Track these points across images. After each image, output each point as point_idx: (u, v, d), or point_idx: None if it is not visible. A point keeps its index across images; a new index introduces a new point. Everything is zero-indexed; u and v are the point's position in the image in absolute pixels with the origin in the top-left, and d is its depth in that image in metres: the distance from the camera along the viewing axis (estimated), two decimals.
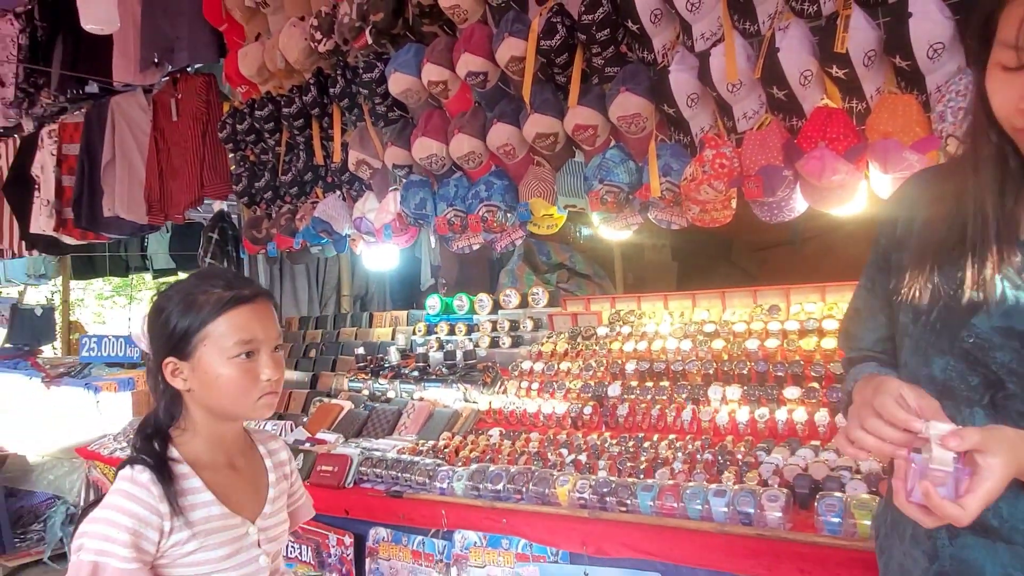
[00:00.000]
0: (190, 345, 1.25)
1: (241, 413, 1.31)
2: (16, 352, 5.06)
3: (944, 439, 0.87)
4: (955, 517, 0.86)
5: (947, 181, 1.12)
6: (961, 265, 1.03)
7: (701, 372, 2.49)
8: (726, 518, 1.61)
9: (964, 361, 1.02)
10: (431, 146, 2.98)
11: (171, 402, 1.29)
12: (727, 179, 2.34)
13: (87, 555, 1.17)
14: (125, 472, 1.23)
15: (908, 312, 1.11)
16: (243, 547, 1.30)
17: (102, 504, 1.22)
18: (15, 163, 5.07)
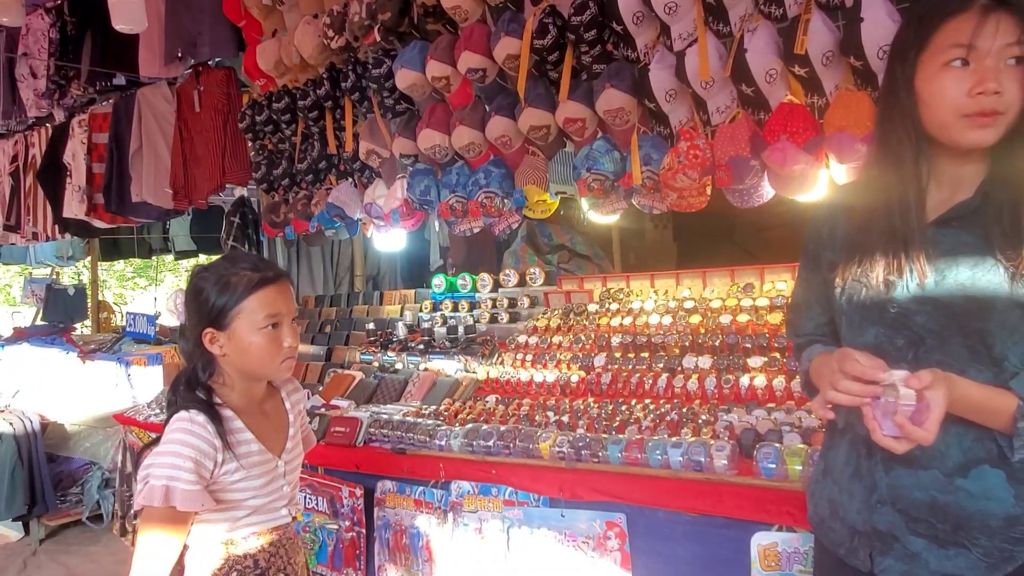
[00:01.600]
0: (226, 319, 1.49)
1: (267, 373, 1.58)
2: (52, 329, 5.39)
3: (907, 380, 1.11)
4: (923, 438, 1.10)
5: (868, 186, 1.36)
6: (884, 252, 1.28)
7: (678, 344, 2.74)
8: (681, 466, 1.87)
9: (891, 328, 1.27)
10: (435, 137, 3.22)
11: (207, 363, 1.54)
12: (700, 168, 2.56)
13: (158, 480, 1.40)
14: (182, 415, 1.46)
15: (844, 296, 1.36)
16: (274, 477, 1.58)
17: (164, 442, 1.45)
18: (48, 151, 5.36)
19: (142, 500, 1.42)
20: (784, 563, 1.64)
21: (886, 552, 1.28)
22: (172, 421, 1.47)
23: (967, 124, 1.20)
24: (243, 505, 1.52)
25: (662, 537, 1.88)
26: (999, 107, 1.18)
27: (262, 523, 1.56)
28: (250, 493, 1.53)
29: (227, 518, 1.51)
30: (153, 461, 1.44)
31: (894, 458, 1.27)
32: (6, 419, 4.30)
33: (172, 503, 1.40)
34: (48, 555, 4.39)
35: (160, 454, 1.44)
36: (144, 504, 1.42)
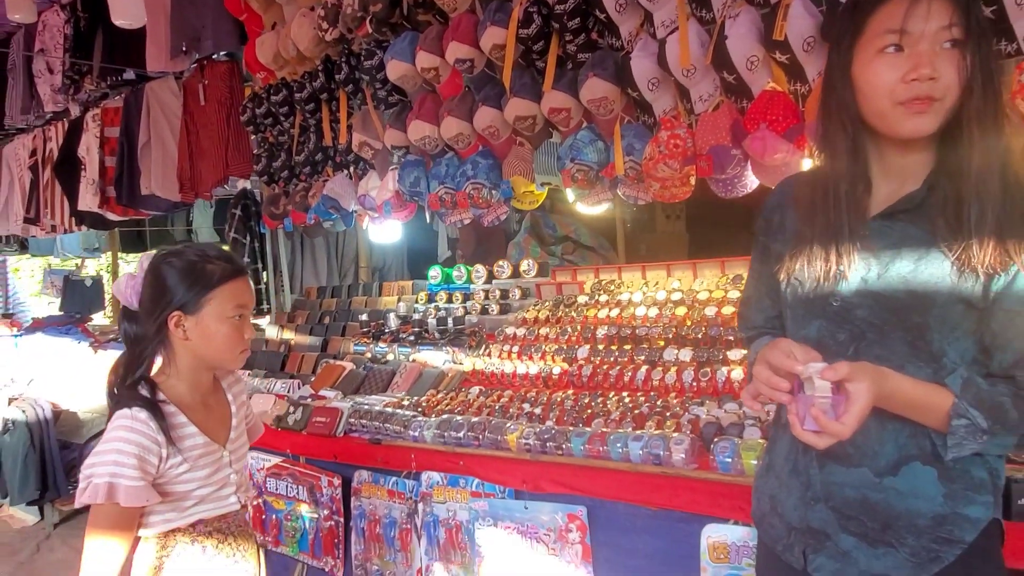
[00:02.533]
0: (197, 304, 1.52)
1: (225, 362, 1.61)
2: (67, 319, 5.52)
3: (822, 373, 1.09)
4: (838, 432, 1.08)
5: (812, 178, 1.34)
6: (825, 245, 1.26)
7: (662, 336, 2.71)
8: (640, 459, 1.85)
9: (833, 322, 1.25)
10: (424, 128, 3.22)
11: (158, 348, 1.55)
12: (681, 158, 2.53)
13: (100, 478, 1.42)
14: (124, 412, 1.48)
15: (788, 289, 1.34)
16: (220, 466, 1.61)
17: (105, 440, 1.48)
18: (64, 145, 5.48)
19: (86, 498, 1.44)
20: (733, 556, 1.62)
21: (819, 550, 1.26)
22: (115, 419, 1.49)
23: (903, 112, 1.16)
24: (191, 495, 1.55)
25: (622, 530, 1.87)
26: (935, 93, 1.14)
27: (210, 511, 1.59)
28: (196, 484, 1.56)
29: (174, 508, 1.54)
30: (96, 460, 1.46)
31: (828, 455, 1.24)
32: (19, 407, 4.43)
33: (116, 500, 1.42)
34: (61, 538, 4.51)
35: (102, 452, 1.46)
36: (88, 502, 1.44)
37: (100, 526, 1.45)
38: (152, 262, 1.56)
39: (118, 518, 1.45)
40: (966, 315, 1.15)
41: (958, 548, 1.14)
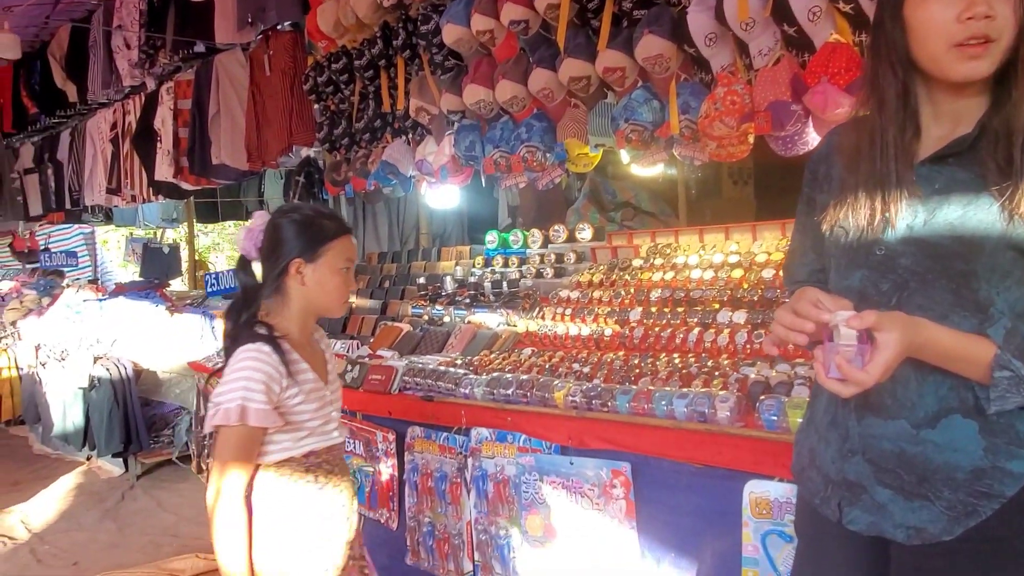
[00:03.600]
0: (315, 253, 1.66)
1: (332, 309, 1.76)
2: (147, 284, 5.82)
3: (848, 321, 1.07)
4: (861, 380, 1.06)
5: (859, 125, 1.29)
6: (870, 193, 1.22)
7: (716, 299, 2.66)
8: (685, 417, 1.84)
9: (877, 271, 1.22)
10: (479, 92, 3.23)
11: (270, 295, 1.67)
12: (738, 115, 2.46)
13: (232, 402, 1.53)
14: (249, 346, 1.59)
15: (831, 239, 1.31)
16: (325, 403, 1.72)
17: (233, 371, 1.58)
18: (141, 118, 5.73)
19: (218, 420, 1.55)
20: (776, 512, 1.60)
21: (854, 503, 1.23)
22: (239, 352, 1.59)
23: (957, 55, 1.11)
24: (304, 426, 1.66)
25: (666, 486, 1.87)
26: (991, 33, 1.08)
27: (319, 443, 1.70)
28: (308, 415, 1.67)
29: (290, 438, 1.65)
30: (225, 388, 1.57)
31: (866, 407, 1.21)
32: (104, 365, 4.71)
33: (247, 421, 1.54)
34: (143, 489, 4.80)
35: (231, 381, 1.57)
36: (220, 423, 1.55)
37: (229, 447, 1.57)
38: (273, 217, 1.70)
39: (246, 440, 1.57)
40: (1017, 263, 1.10)
41: (996, 502, 1.10)
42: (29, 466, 5.51)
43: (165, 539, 3.99)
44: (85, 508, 4.53)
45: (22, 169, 7.82)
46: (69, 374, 4.93)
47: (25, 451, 5.89)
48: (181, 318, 5.07)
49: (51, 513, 4.47)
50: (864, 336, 1.07)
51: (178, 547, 3.86)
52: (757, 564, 1.65)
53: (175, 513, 4.36)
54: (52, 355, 5.17)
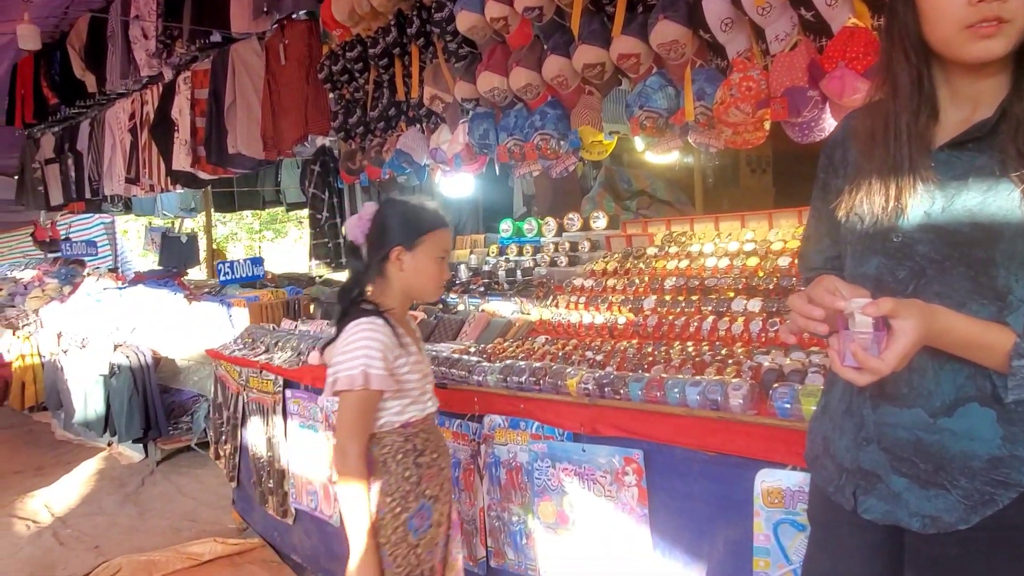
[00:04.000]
0: (415, 242, 1.80)
1: (427, 294, 1.92)
2: (166, 273, 5.88)
3: (863, 308, 1.06)
4: (877, 368, 1.05)
5: (873, 110, 1.28)
6: (885, 180, 1.21)
7: (731, 287, 2.65)
8: (697, 404, 1.83)
9: (893, 258, 1.20)
10: (493, 80, 3.22)
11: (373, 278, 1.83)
12: (754, 101, 2.43)
13: (355, 368, 1.69)
14: (362, 320, 1.75)
15: (847, 225, 1.29)
16: (424, 374, 1.89)
17: (350, 342, 1.73)
18: (159, 108, 5.76)
19: (342, 386, 1.70)
20: (788, 501, 1.59)
21: (869, 491, 1.22)
22: (353, 326, 1.75)
23: (969, 36, 1.09)
24: (408, 394, 1.82)
25: (678, 474, 1.86)
26: (1004, 14, 1.06)
27: (418, 411, 1.85)
28: (411, 385, 1.82)
29: (397, 405, 1.80)
30: (344, 358, 1.72)
31: (882, 395, 1.21)
32: (123, 352, 4.77)
33: (369, 385, 1.69)
34: (163, 475, 4.87)
35: (350, 351, 1.72)
36: (345, 388, 1.70)
37: (353, 410, 1.72)
38: (380, 207, 1.85)
39: (367, 403, 1.73)
40: None
41: (1014, 491, 1.09)
42: (52, 451, 5.60)
43: (184, 523, 4.05)
44: (106, 493, 4.60)
45: (43, 159, 7.91)
46: (90, 361, 5.00)
47: (48, 437, 5.99)
48: (199, 306, 5.11)
49: (73, 497, 4.55)
50: (880, 324, 1.06)
51: (197, 531, 3.91)
52: (768, 553, 1.64)
53: (194, 498, 4.43)
54: (73, 342, 5.24)
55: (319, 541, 3.14)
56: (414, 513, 1.79)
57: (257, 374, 3.40)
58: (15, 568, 3.60)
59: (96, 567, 3.43)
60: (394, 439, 1.79)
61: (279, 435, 3.27)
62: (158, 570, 3.41)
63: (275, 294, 5.25)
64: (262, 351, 3.48)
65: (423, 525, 1.82)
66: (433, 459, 1.86)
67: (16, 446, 5.83)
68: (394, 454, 1.79)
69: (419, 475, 1.81)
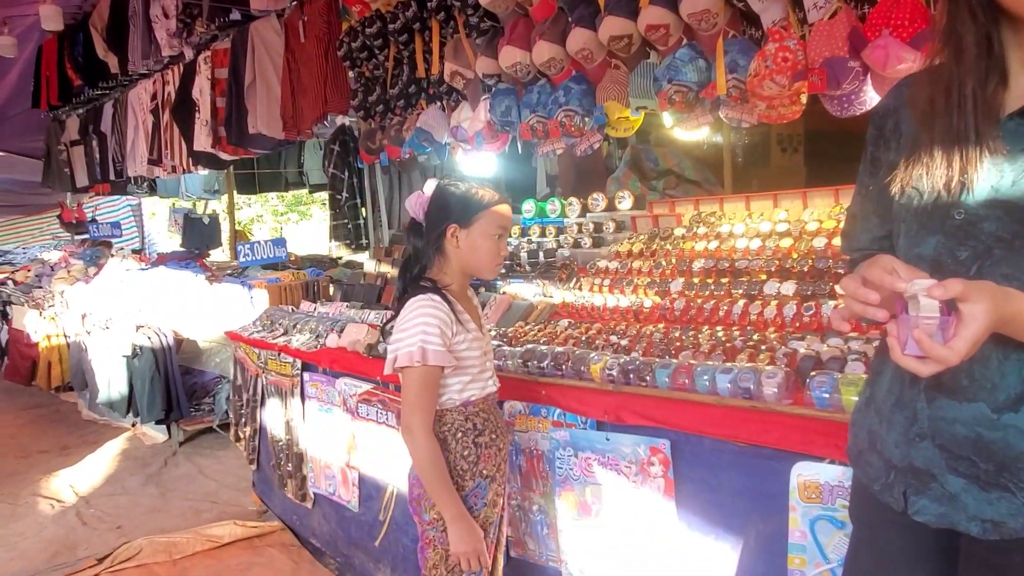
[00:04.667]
0: (470, 219, 1.78)
1: (484, 271, 1.87)
2: (187, 255, 5.86)
3: (929, 290, 0.96)
4: (945, 358, 0.95)
5: (933, 76, 1.16)
6: (947, 151, 1.10)
7: (763, 269, 2.53)
8: (728, 393, 1.73)
9: (954, 237, 1.10)
10: (515, 54, 3.10)
11: (432, 255, 1.81)
12: (790, 73, 2.30)
13: (412, 345, 1.69)
14: (420, 297, 1.75)
15: (902, 202, 1.18)
16: (483, 352, 1.86)
17: (408, 319, 1.73)
18: (180, 88, 5.72)
19: (401, 363, 1.70)
20: (826, 497, 1.49)
21: (922, 491, 1.12)
22: (412, 303, 1.75)
23: None
24: (467, 372, 1.81)
25: (707, 465, 1.77)
26: None
27: (478, 390, 1.84)
28: (471, 362, 1.81)
29: (458, 382, 1.80)
30: (402, 335, 1.72)
31: (938, 387, 1.10)
32: (145, 333, 4.76)
33: (427, 361, 1.68)
34: (185, 456, 4.88)
35: (408, 328, 1.72)
36: (404, 365, 1.70)
37: (415, 386, 1.72)
38: (438, 185, 1.84)
39: (428, 378, 1.72)
40: None
41: None
42: (78, 431, 5.65)
43: (205, 505, 4.05)
44: (129, 473, 4.62)
45: (68, 141, 7.93)
46: (113, 342, 5.01)
47: (75, 417, 6.05)
48: (221, 288, 5.09)
49: (97, 478, 4.57)
50: (945, 308, 0.95)
51: (218, 513, 3.91)
52: (804, 551, 1.55)
53: (215, 479, 4.42)
54: (97, 323, 5.25)
55: (337, 526, 3.10)
56: (469, 492, 1.79)
57: (275, 356, 3.35)
58: (39, 547, 3.62)
59: (117, 548, 3.42)
60: (454, 417, 1.80)
61: (297, 418, 3.23)
62: (178, 552, 3.41)
63: (296, 276, 5.22)
64: (280, 333, 3.43)
65: (477, 504, 1.81)
66: (492, 439, 1.84)
67: (43, 426, 5.89)
68: (454, 432, 1.79)
69: (477, 454, 1.80)
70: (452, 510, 1.73)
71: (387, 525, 2.76)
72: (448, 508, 1.73)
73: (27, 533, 3.79)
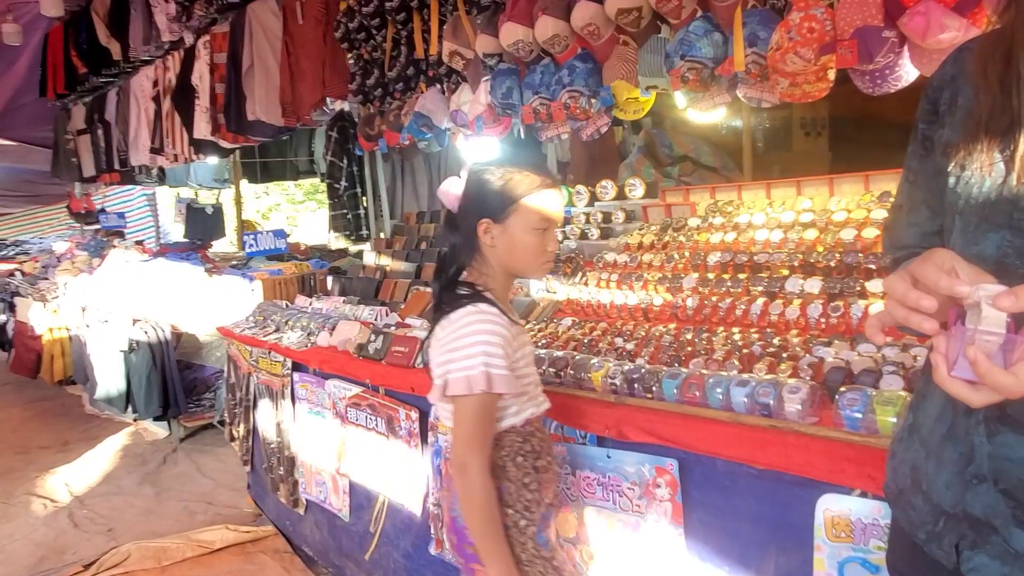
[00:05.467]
0: (504, 213, 1.51)
1: (527, 272, 1.61)
2: (190, 245, 5.72)
3: (997, 299, 0.75)
4: (1005, 386, 0.75)
5: (994, 45, 0.95)
6: (1017, 128, 0.89)
7: (785, 263, 2.31)
8: (744, 408, 1.52)
9: (1022, 234, 0.88)
10: (517, 31, 2.88)
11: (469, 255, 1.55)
12: (816, 45, 2.07)
13: (474, 368, 1.41)
14: (470, 309, 1.47)
15: (958, 189, 0.97)
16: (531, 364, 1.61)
17: (462, 335, 1.45)
18: (180, 74, 5.55)
19: (459, 390, 1.43)
20: (858, 536, 1.28)
21: (979, 545, 0.91)
22: (462, 316, 1.47)
23: None
24: (525, 391, 1.56)
25: (721, 489, 1.56)
26: None
27: (533, 408, 1.58)
28: (527, 379, 1.57)
29: (516, 403, 1.54)
30: (459, 355, 1.44)
31: (1002, 418, 0.89)
32: (142, 328, 4.62)
33: (492, 388, 1.42)
34: (185, 452, 4.75)
35: (466, 347, 1.44)
36: (461, 392, 1.43)
37: (473, 417, 1.44)
38: (470, 172, 1.57)
39: (490, 408, 1.46)
40: None
41: None
42: (80, 426, 5.56)
43: (200, 506, 3.91)
44: (126, 471, 4.50)
45: (75, 130, 7.81)
46: (111, 336, 4.88)
47: (79, 410, 5.96)
48: (221, 279, 4.94)
49: (94, 476, 4.46)
50: (1012, 324, 0.74)
51: (212, 515, 3.77)
52: None
53: (212, 479, 4.29)
54: (96, 317, 5.13)
55: (329, 535, 2.93)
56: (540, 525, 1.54)
57: (266, 355, 3.18)
58: (27, 551, 3.49)
59: (105, 553, 3.29)
60: (512, 439, 1.54)
61: (288, 420, 3.06)
62: (167, 558, 3.26)
63: (299, 267, 5.05)
64: (272, 330, 3.26)
65: (542, 539, 1.55)
66: (548, 463, 1.60)
67: (46, 419, 5.80)
68: (513, 456, 1.53)
69: (538, 480, 1.55)
70: (500, 566, 1.45)
71: (377, 538, 2.59)
72: (496, 563, 1.45)
73: (16, 535, 3.67)
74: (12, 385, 6.92)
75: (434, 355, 1.53)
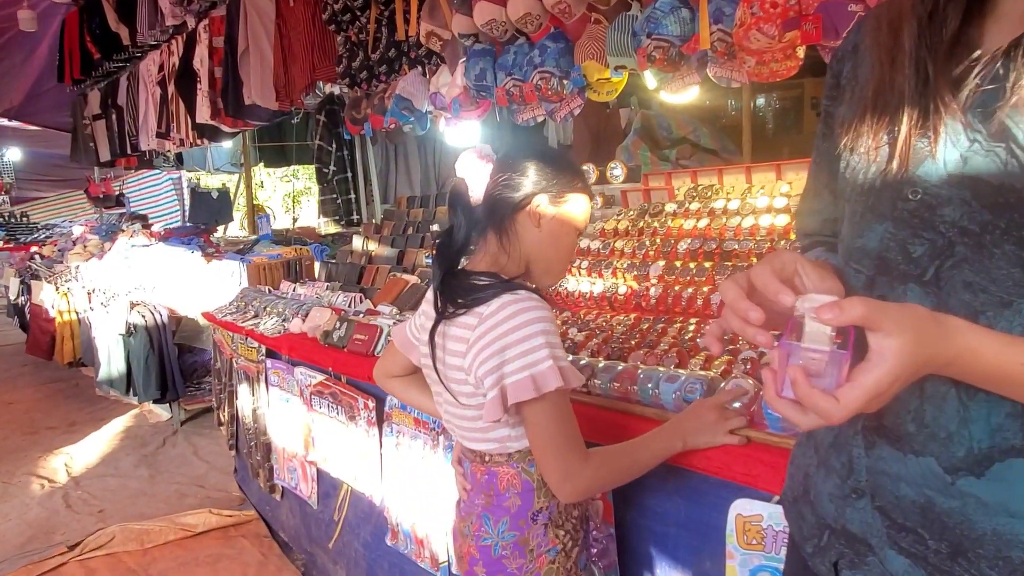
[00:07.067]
0: (564, 195, 1.34)
1: (549, 275, 1.40)
2: (194, 229, 5.76)
3: (819, 311, 0.68)
4: (824, 411, 0.68)
5: (888, 11, 0.86)
6: (902, 108, 0.80)
7: (755, 251, 2.21)
8: (673, 405, 1.45)
9: (907, 226, 0.80)
10: (490, 10, 2.80)
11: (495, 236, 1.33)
12: (780, 21, 1.96)
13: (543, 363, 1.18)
14: (507, 299, 1.22)
15: (847, 175, 0.90)
16: None
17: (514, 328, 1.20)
18: (183, 58, 5.55)
19: (528, 393, 1.19)
20: (769, 543, 1.21)
21: (856, 566, 0.85)
22: (502, 307, 1.22)
23: None
24: None
25: (650, 489, 1.50)
26: None
27: None
28: None
29: None
30: (511, 352, 1.20)
31: (878, 430, 0.82)
32: (139, 312, 4.67)
33: (567, 383, 1.21)
34: (184, 435, 4.81)
35: (521, 341, 1.20)
36: (533, 395, 1.19)
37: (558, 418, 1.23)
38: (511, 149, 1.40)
39: (566, 404, 1.25)
40: None
41: None
42: (89, 407, 5.66)
43: (191, 489, 3.95)
44: (125, 453, 4.57)
45: (91, 115, 7.91)
46: (112, 320, 4.94)
47: (90, 392, 6.07)
48: (219, 265, 4.95)
49: (94, 457, 4.53)
50: (847, 339, 0.66)
51: (201, 498, 3.80)
52: None
53: (207, 461, 4.33)
54: (101, 300, 5.20)
55: (301, 522, 2.93)
56: (582, 546, 1.37)
57: (244, 340, 3.18)
58: (17, 531, 3.56)
59: (90, 534, 3.33)
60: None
61: (264, 406, 3.06)
62: (150, 540, 3.30)
63: (299, 252, 5.04)
64: (251, 316, 3.25)
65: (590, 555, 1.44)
66: None
67: (57, 400, 5.92)
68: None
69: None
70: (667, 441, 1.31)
71: (340, 526, 2.57)
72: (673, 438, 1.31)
73: (11, 515, 3.75)
74: (30, 366, 7.08)
75: (472, 363, 1.24)
